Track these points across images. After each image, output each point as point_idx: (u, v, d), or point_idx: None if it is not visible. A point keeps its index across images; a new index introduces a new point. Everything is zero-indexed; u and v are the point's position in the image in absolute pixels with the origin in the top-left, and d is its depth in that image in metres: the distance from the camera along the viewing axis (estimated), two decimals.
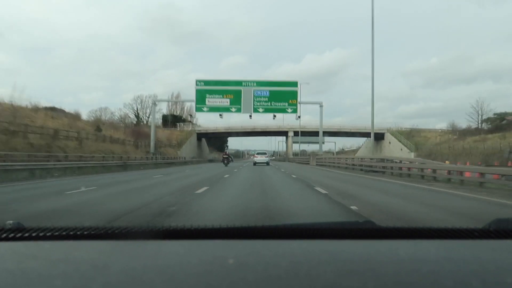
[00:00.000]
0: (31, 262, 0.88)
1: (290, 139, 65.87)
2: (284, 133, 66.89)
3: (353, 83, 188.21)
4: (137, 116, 64.56)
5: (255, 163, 36.30)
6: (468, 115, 63.33)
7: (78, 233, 1.06)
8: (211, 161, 59.95)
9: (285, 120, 61.49)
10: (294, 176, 17.46)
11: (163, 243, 1.06)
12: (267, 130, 64.15)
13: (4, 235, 1.03)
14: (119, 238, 1.06)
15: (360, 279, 0.77)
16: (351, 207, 6.71)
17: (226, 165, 32.47)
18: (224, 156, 34.73)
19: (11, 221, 1.10)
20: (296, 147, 68.11)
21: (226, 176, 16.85)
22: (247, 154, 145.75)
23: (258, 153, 41.28)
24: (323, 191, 9.64)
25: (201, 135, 65.62)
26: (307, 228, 1.15)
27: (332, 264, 0.86)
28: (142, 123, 60.88)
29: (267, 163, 36.07)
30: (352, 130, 61.13)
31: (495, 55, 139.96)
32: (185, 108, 73.31)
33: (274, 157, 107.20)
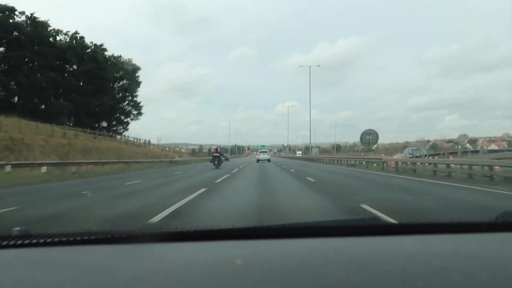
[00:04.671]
0: (39, 269, 0.89)
1: None
2: None
3: (365, 75, 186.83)
4: None
5: (258, 160, 42.26)
6: None
7: (85, 238, 1.06)
8: None
9: None
10: None
11: (170, 245, 1.06)
12: None
13: (12, 242, 1.04)
14: (126, 242, 1.06)
15: (368, 275, 0.76)
16: None
17: (217, 166, 24.07)
18: (214, 154, 25.36)
19: (18, 228, 1.11)
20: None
21: None
22: (248, 149, 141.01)
23: (260, 152, 49.01)
24: None
25: None
26: (313, 227, 1.15)
27: (339, 262, 0.86)
28: None
29: (269, 160, 42.69)
30: None
31: None
32: None
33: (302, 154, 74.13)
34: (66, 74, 31.54)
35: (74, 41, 34.21)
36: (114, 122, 39.56)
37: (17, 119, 27.41)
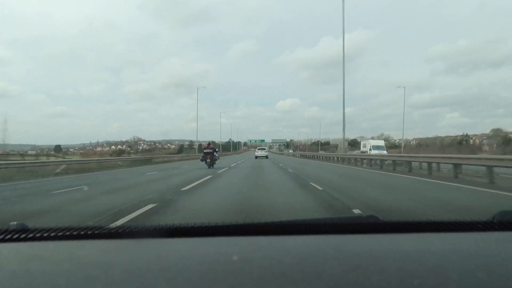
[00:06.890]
0: (36, 263, 0.88)
1: None
2: None
3: (369, 71, 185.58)
4: None
5: (256, 157, 43.48)
6: None
7: (82, 232, 1.06)
8: None
9: None
10: None
11: (167, 241, 1.06)
12: None
13: (8, 236, 1.03)
14: (122, 237, 1.06)
15: (365, 273, 0.76)
16: None
17: (209, 165, 20.11)
18: (205, 150, 20.75)
19: (15, 222, 1.10)
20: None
21: None
22: (245, 145, 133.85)
23: (259, 149, 49.65)
24: None
25: None
26: (311, 224, 1.15)
27: (337, 259, 0.86)
28: None
29: (266, 157, 43.56)
30: None
31: None
32: None
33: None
34: None
35: None
36: None
37: None
